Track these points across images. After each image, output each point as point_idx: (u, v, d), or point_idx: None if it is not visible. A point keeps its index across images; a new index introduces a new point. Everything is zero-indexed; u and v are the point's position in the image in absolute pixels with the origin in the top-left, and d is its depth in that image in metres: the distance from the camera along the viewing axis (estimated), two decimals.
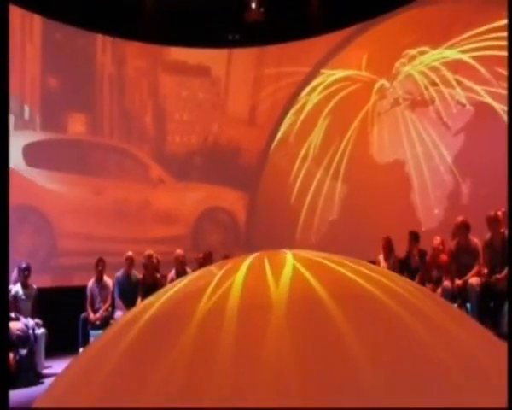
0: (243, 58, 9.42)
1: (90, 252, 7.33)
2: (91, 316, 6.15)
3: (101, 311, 6.19)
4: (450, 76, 7.49)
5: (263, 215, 9.08)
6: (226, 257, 5.62)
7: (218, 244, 8.51)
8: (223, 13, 8.58)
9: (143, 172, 8.99)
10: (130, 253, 6.49)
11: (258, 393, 0.91)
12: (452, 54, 7.50)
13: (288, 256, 1.38)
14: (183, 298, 1.27)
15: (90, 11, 7.94)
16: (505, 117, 6.83)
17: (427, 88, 7.72)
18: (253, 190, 9.26)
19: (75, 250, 7.77)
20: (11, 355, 4.92)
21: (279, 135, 9.25)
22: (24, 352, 5.12)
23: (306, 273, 1.23)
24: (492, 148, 6.79)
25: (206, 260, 6.64)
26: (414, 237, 6.30)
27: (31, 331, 5.31)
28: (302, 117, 9.07)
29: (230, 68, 9.41)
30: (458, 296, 5.35)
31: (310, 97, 9.02)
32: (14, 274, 5.70)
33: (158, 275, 6.43)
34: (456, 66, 7.49)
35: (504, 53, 6.61)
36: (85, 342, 5.71)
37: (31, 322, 5.42)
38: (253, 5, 8.88)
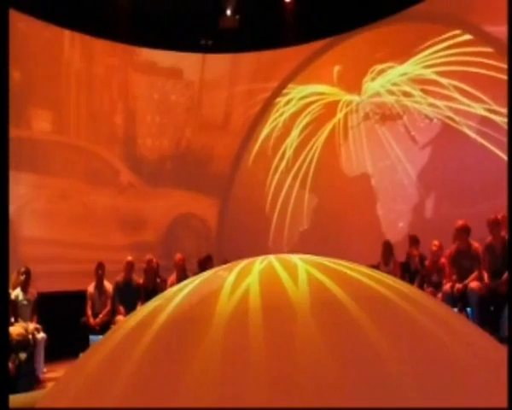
0: (217, 64, 9.28)
1: (53, 258, 7.11)
2: (91, 321, 6.13)
3: (100, 316, 6.18)
4: (417, 91, 7.73)
5: (235, 222, 8.98)
6: (225, 262, 5.60)
7: (190, 251, 8.06)
8: (197, 17, 8.46)
9: (112, 175, 8.58)
10: (129, 258, 6.49)
11: (298, 393, 0.91)
12: (416, 69, 7.76)
13: (297, 260, 1.40)
14: (198, 301, 1.27)
15: (59, 4, 7.58)
16: (468, 132, 7.07)
17: (396, 102, 7.95)
18: (225, 197, 9.17)
19: (37, 256, 7.03)
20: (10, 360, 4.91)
21: (252, 142, 9.22)
22: (23, 356, 5.11)
23: (321, 276, 1.25)
24: (455, 162, 7.09)
25: (206, 263, 6.63)
26: (413, 240, 6.31)
27: (30, 336, 5.30)
28: (275, 127, 9.10)
29: (204, 73, 9.26)
30: (458, 300, 5.34)
31: (283, 108, 9.06)
32: (12, 278, 5.69)
33: (158, 280, 6.42)
34: (423, 81, 7.72)
35: (465, 68, 7.13)
36: (85, 347, 5.69)
37: (30, 326, 5.41)
38: (229, 12, 8.78)
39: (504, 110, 6.71)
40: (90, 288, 6.33)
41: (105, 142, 8.57)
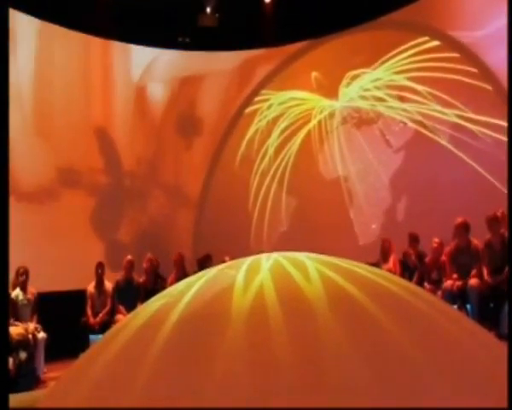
0: (195, 61, 9.09)
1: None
2: (91, 320, 6.13)
3: (100, 315, 6.17)
4: (390, 96, 7.96)
5: (212, 223, 8.85)
6: (223, 261, 5.61)
7: (167, 251, 7.83)
8: (175, 14, 8.30)
9: (87, 175, 8.27)
10: (129, 257, 6.49)
11: (328, 390, 0.91)
12: (387, 75, 8.02)
13: (304, 258, 1.40)
14: (211, 298, 1.26)
15: None
16: (439, 137, 7.33)
17: (371, 107, 8.14)
18: (202, 198, 9.06)
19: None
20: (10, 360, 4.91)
21: (231, 142, 9.14)
22: (23, 356, 5.11)
23: (331, 273, 1.26)
24: (427, 166, 7.36)
25: (205, 262, 6.63)
26: (413, 238, 6.32)
27: (30, 336, 5.30)
28: (258, 130, 9.09)
29: (181, 71, 9.08)
30: (458, 298, 5.35)
31: (266, 112, 9.06)
32: (11, 278, 5.68)
33: (158, 279, 6.43)
34: (394, 87, 7.98)
35: (434, 74, 7.41)
36: (85, 346, 5.69)
37: (31, 326, 5.41)
38: (208, 10, 8.65)
39: (474, 115, 7.02)
40: (90, 287, 6.33)
41: (79, 140, 8.13)
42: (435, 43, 7.57)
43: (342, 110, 8.46)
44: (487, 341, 1.28)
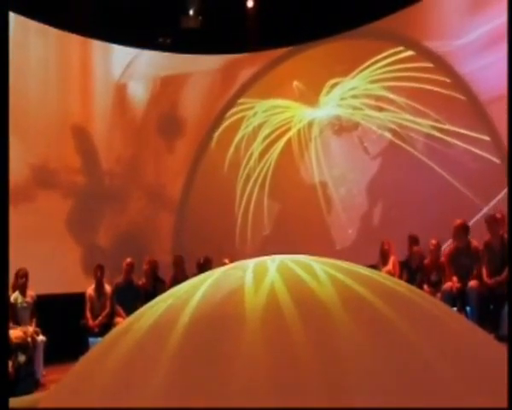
0: (176, 63, 8.99)
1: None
2: (90, 323, 6.12)
3: (100, 318, 6.16)
4: (368, 105, 8.21)
5: (194, 224, 8.77)
6: (224, 263, 5.61)
7: (147, 253, 7.63)
8: (157, 14, 8.18)
9: (65, 176, 7.98)
10: (129, 259, 6.48)
11: (349, 389, 0.91)
12: (363, 84, 8.25)
13: (310, 260, 1.40)
14: (222, 299, 1.25)
15: None
16: (411, 147, 7.65)
17: (350, 115, 8.42)
18: (182, 201, 8.95)
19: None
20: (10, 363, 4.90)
21: (211, 145, 9.11)
22: (23, 359, 5.10)
23: (339, 275, 1.27)
24: (401, 173, 7.67)
25: (205, 265, 6.62)
26: (413, 240, 6.32)
27: (29, 339, 5.29)
28: (241, 136, 9.12)
29: (161, 72, 8.96)
30: (458, 299, 5.35)
31: (252, 119, 9.10)
32: (11, 281, 5.67)
33: (158, 281, 6.42)
34: (370, 96, 8.20)
35: (410, 84, 7.70)
36: (84, 349, 5.68)
37: (30, 329, 5.40)
38: (191, 12, 8.58)
39: (446, 126, 7.31)
40: (90, 290, 6.32)
41: (56, 139, 7.82)
42: (410, 53, 7.85)
43: (322, 118, 8.70)
44: (487, 343, 1.28)
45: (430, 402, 0.94)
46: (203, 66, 9.06)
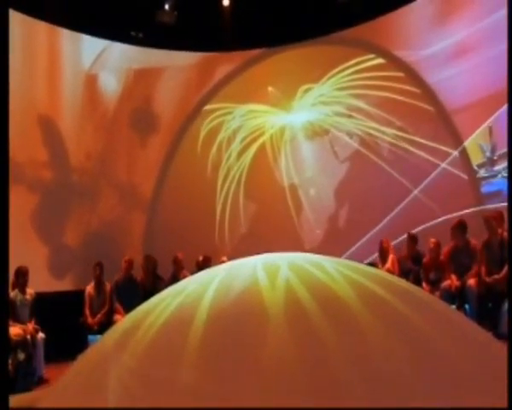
0: (148, 58, 8.78)
1: None
2: (89, 320, 6.12)
3: (99, 315, 6.17)
4: (336, 112, 8.52)
5: (163, 224, 8.65)
6: (223, 262, 5.62)
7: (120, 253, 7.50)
8: (131, 6, 7.93)
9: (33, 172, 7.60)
10: (127, 256, 6.49)
11: (380, 385, 0.92)
12: (331, 91, 8.54)
13: (316, 258, 1.41)
14: (238, 295, 1.23)
15: None
16: (376, 157, 8.01)
17: (321, 121, 8.70)
18: (154, 200, 8.77)
19: None
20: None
21: (183, 144, 9.01)
22: (22, 357, 5.10)
23: (350, 272, 1.28)
24: (366, 178, 8.04)
25: (205, 263, 6.63)
26: (412, 239, 6.34)
27: (29, 336, 5.29)
28: (224, 138, 9.14)
29: (133, 66, 8.70)
30: (457, 298, 5.36)
31: (231, 122, 9.13)
32: (11, 279, 5.67)
33: (157, 279, 6.42)
34: (340, 103, 8.49)
35: (378, 92, 7.98)
36: (83, 347, 5.68)
37: (29, 327, 5.40)
38: (167, 6, 8.39)
39: (410, 135, 7.68)
40: (89, 287, 6.33)
41: (21, 130, 7.27)
42: (380, 61, 8.09)
43: (295, 123, 8.92)
44: (487, 341, 1.28)
45: (430, 402, 0.94)
46: (178, 61, 8.93)
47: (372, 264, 6.51)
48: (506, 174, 6.75)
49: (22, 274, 5.64)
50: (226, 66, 9.09)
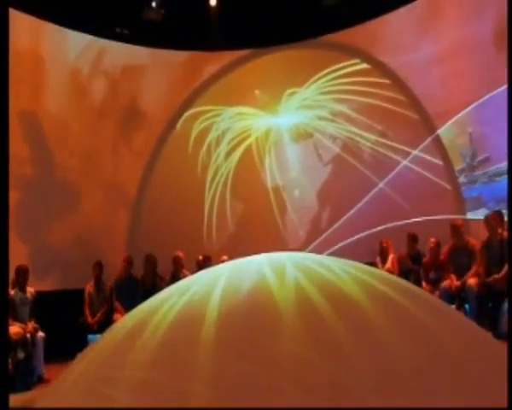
0: (135, 55, 8.65)
1: None
2: (89, 320, 6.12)
3: (98, 314, 6.17)
4: (319, 116, 8.67)
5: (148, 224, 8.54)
6: (223, 261, 5.61)
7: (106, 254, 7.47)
8: (117, 2, 7.84)
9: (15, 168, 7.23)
10: (127, 254, 6.49)
11: (398, 381, 0.92)
12: (314, 95, 8.68)
13: (322, 257, 1.42)
14: (248, 293, 1.22)
15: None
16: (357, 161, 8.24)
17: (305, 125, 8.85)
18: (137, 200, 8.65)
19: None
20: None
21: (170, 140, 8.95)
22: (22, 356, 5.10)
23: (355, 271, 1.28)
24: (347, 180, 8.26)
25: (205, 262, 6.63)
26: (412, 238, 6.34)
27: (29, 335, 5.30)
28: (213, 139, 9.16)
29: (119, 63, 8.55)
30: (457, 297, 5.36)
31: (220, 123, 9.15)
32: (11, 277, 5.67)
33: (157, 277, 6.41)
34: (323, 107, 8.66)
35: (361, 98, 8.14)
36: (83, 346, 5.68)
37: (29, 326, 5.40)
38: (154, 4, 8.30)
39: (390, 139, 7.91)
40: (89, 287, 6.32)
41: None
42: (364, 66, 8.23)
43: (280, 126, 9.06)
44: (486, 341, 1.29)
45: (430, 402, 0.94)
46: (165, 58, 8.88)
47: (371, 264, 6.52)
48: (486, 180, 6.96)
49: (22, 273, 5.63)
50: (212, 66, 9.09)
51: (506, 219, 5.27)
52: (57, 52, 7.88)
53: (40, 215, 7.38)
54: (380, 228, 7.63)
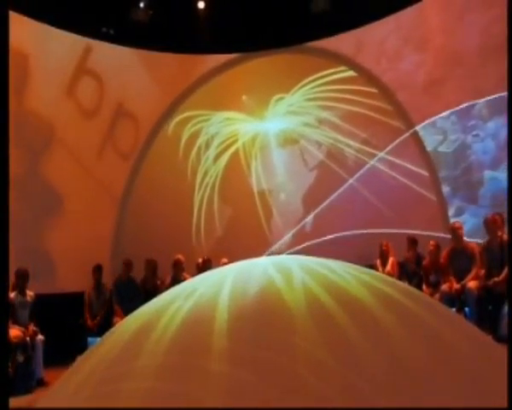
0: (120, 55, 8.55)
1: None
2: (89, 322, 6.12)
3: (98, 317, 6.16)
4: (310, 121, 8.78)
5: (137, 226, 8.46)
6: (225, 263, 5.61)
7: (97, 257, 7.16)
8: (104, 2, 7.73)
9: None
10: (127, 258, 6.49)
11: (413, 387, 0.93)
12: (300, 101, 8.79)
13: (325, 260, 1.41)
14: (256, 295, 1.21)
15: None
16: (342, 169, 8.40)
17: (293, 130, 8.97)
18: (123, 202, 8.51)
19: None
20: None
21: (155, 142, 8.88)
22: (21, 359, 5.09)
23: (359, 273, 1.28)
24: (331, 186, 8.41)
25: (205, 265, 6.63)
26: (412, 242, 6.34)
27: (28, 338, 5.29)
28: (202, 144, 9.18)
29: (106, 63, 8.39)
30: (457, 300, 5.35)
31: (209, 128, 9.20)
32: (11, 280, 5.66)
33: (157, 280, 6.42)
34: (308, 113, 8.78)
35: (346, 106, 8.28)
36: (83, 349, 5.67)
37: (29, 329, 5.39)
38: (142, 4, 8.26)
39: (375, 151, 8.04)
40: (89, 289, 6.33)
41: None
42: (350, 73, 8.32)
43: (267, 131, 9.16)
44: (486, 343, 1.29)
45: (430, 403, 0.94)
46: (152, 59, 8.82)
47: (371, 266, 6.52)
48: (468, 187, 7.14)
49: (22, 276, 5.62)
50: (200, 68, 9.10)
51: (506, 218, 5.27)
52: (42, 51, 7.72)
53: (23, 215, 7.03)
54: (364, 231, 7.83)
